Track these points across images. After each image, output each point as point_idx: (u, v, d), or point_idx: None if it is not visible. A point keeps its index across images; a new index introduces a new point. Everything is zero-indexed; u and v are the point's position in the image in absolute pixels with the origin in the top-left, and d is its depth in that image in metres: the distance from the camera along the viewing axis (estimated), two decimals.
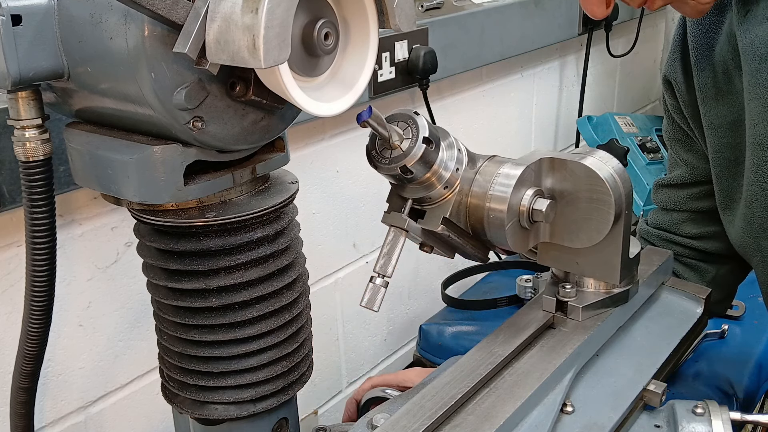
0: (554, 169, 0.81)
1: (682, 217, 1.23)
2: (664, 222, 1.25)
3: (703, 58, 1.07)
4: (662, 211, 1.26)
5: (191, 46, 0.54)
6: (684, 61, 1.11)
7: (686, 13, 0.96)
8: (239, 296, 0.72)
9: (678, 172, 1.21)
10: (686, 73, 1.11)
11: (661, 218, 1.26)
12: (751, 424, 0.97)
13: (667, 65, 1.15)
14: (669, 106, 1.18)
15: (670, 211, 1.24)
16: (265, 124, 0.67)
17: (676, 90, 1.13)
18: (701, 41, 1.06)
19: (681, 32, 1.12)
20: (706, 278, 1.23)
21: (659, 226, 1.26)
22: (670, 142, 1.22)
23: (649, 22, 2.63)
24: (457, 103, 1.85)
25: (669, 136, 1.22)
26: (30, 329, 0.72)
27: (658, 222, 1.26)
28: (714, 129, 1.08)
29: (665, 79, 1.15)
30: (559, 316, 0.87)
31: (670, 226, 1.24)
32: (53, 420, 1.12)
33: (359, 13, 0.64)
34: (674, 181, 1.22)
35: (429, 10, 1.65)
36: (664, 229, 1.25)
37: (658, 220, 1.27)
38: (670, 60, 1.14)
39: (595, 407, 0.79)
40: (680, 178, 1.21)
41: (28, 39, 0.60)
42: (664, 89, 1.17)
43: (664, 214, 1.26)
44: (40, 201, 0.66)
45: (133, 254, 0.77)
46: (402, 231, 0.77)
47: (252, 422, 0.78)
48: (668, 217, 1.24)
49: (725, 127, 1.06)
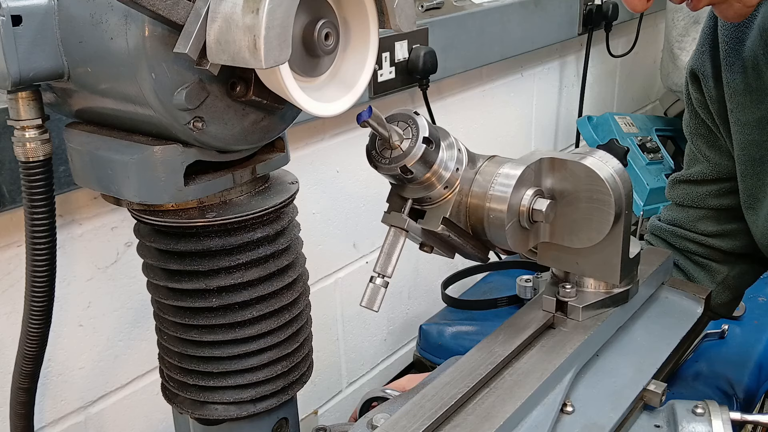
0: (554, 169, 0.81)
1: (700, 214, 1.19)
2: (679, 218, 1.22)
3: (732, 53, 1.04)
4: (678, 208, 1.23)
5: (192, 47, 0.55)
6: (713, 54, 1.07)
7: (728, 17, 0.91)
8: (239, 296, 0.72)
9: (698, 168, 1.18)
10: (715, 66, 1.07)
11: (676, 215, 1.22)
12: (751, 424, 0.97)
13: (695, 58, 1.11)
14: (694, 100, 1.14)
15: (687, 207, 1.20)
16: (266, 125, 0.67)
17: (703, 84, 1.10)
18: (732, 35, 1.03)
19: (711, 24, 1.08)
20: (717, 279, 1.21)
21: (674, 222, 1.22)
22: (692, 137, 1.18)
23: (649, 22, 2.63)
24: (457, 103, 1.85)
25: (691, 130, 1.18)
26: (30, 329, 0.72)
27: (674, 218, 1.23)
28: (741, 126, 1.05)
29: (692, 72, 1.12)
30: (559, 316, 0.87)
31: (686, 223, 1.21)
32: (53, 420, 1.12)
33: (359, 14, 0.64)
34: (694, 177, 1.18)
35: (429, 10, 1.65)
36: (679, 225, 1.22)
37: (673, 216, 1.23)
38: (698, 53, 1.10)
39: (595, 407, 0.79)
40: (701, 174, 1.17)
41: (29, 39, 0.60)
42: (690, 82, 1.13)
43: (680, 210, 1.22)
44: (40, 201, 0.66)
45: (133, 254, 0.77)
46: (402, 231, 0.77)
47: (252, 422, 0.78)
48: (685, 214, 1.21)
49: (753, 124, 1.03)
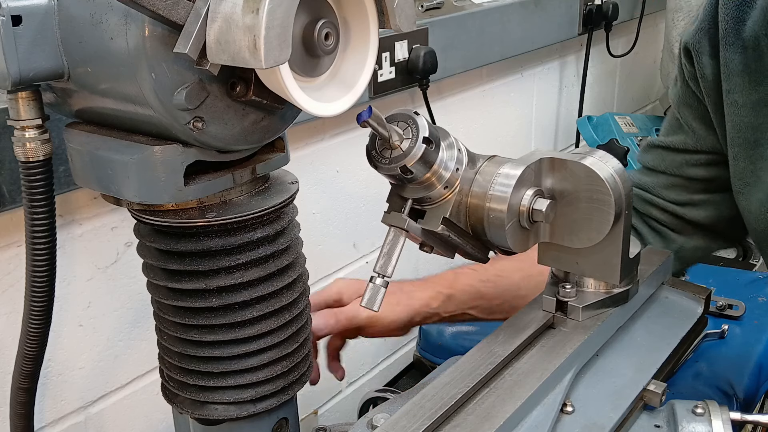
0: (554, 169, 0.81)
1: (672, 181, 1.18)
2: (648, 183, 1.20)
3: (732, 32, 1.02)
4: (648, 172, 1.21)
5: (192, 47, 0.55)
6: (711, 32, 1.05)
7: None
8: (239, 296, 0.72)
9: (680, 138, 1.16)
10: (712, 45, 1.05)
11: (645, 179, 1.21)
12: (751, 424, 0.97)
13: (691, 34, 1.09)
14: (686, 72, 1.12)
15: (659, 173, 1.19)
16: (266, 125, 0.67)
17: (696, 61, 1.08)
18: (733, 14, 1.01)
19: (713, 1, 1.06)
20: (671, 248, 1.19)
21: (642, 186, 1.20)
22: (679, 106, 1.16)
23: (649, 22, 2.63)
24: (457, 103, 1.85)
25: (679, 99, 1.16)
26: (30, 329, 0.72)
27: (642, 182, 1.21)
28: (737, 107, 1.03)
29: (685, 48, 1.10)
30: (559, 316, 0.87)
31: (654, 188, 1.19)
32: (53, 420, 1.12)
33: (359, 14, 0.64)
34: (674, 144, 1.17)
35: (429, 10, 1.65)
36: (646, 189, 1.20)
37: (641, 180, 1.21)
38: (696, 29, 1.08)
39: (595, 407, 0.79)
40: (682, 143, 1.15)
41: (28, 39, 0.60)
42: (683, 56, 1.11)
43: (650, 175, 1.20)
44: (40, 201, 0.66)
45: (133, 254, 0.77)
46: (402, 231, 0.77)
47: (252, 422, 0.78)
48: (654, 179, 1.20)
49: (749, 106, 1.02)
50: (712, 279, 1.66)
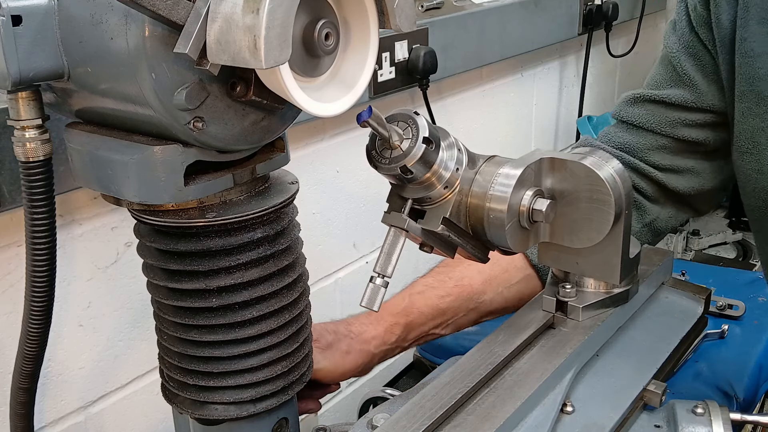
0: (554, 169, 0.81)
1: (660, 142, 1.07)
2: (631, 143, 1.08)
3: None
4: (634, 130, 1.09)
5: (192, 47, 0.55)
6: None
7: None
8: (239, 296, 0.72)
9: (679, 92, 1.05)
10: None
11: (628, 138, 1.08)
12: (751, 424, 0.97)
13: None
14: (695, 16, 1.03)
15: (646, 132, 1.07)
16: (266, 125, 0.67)
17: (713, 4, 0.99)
18: None
19: None
20: (645, 220, 1.11)
21: (624, 147, 1.08)
22: (680, 53, 1.05)
23: (649, 22, 2.63)
24: (457, 103, 1.85)
25: (683, 46, 1.04)
26: (30, 329, 0.72)
27: (624, 142, 1.08)
28: (752, 58, 0.95)
29: None
30: (559, 316, 0.87)
31: (638, 150, 1.08)
32: (53, 420, 1.12)
33: (359, 14, 0.64)
34: (671, 99, 1.05)
35: (429, 10, 1.65)
36: (628, 151, 1.08)
37: (624, 139, 1.09)
38: None
39: (595, 407, 0.79)
40: (681, 98, 1.04)
41: (29, 39, 0.60)
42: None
43: (635, 133, 1.08)
44: (40, 201, 0.66)
45: (133, 254, 0.77)
46: (402, 231, 0.77)
47: (252, 422, 0.78)
48: (640, 139, 1.08)
49: (766, 56, 0.94)
50: (712, 279, 1.66)
